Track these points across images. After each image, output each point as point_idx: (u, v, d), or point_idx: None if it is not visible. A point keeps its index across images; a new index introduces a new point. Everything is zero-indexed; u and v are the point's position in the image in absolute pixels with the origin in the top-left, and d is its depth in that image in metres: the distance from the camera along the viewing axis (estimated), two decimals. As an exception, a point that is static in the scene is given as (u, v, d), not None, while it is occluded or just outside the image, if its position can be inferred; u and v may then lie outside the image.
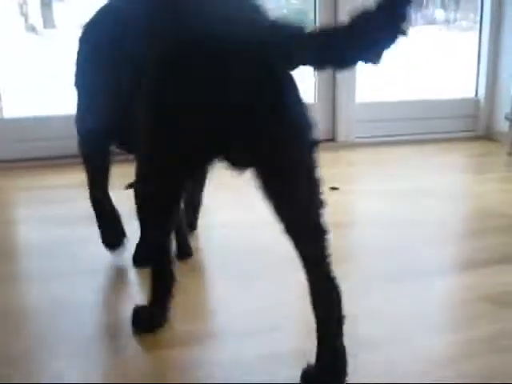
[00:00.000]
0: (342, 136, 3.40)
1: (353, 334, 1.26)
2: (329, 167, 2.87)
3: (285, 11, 4.07)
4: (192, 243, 1.92)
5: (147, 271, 1.50)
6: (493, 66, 3.61)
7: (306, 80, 3.41)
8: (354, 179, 2.89)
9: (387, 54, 0.98)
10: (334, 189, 2.55)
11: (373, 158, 3.20)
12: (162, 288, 1.48)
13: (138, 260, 1.84)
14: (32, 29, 4.09)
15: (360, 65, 1.03)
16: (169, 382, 1.28)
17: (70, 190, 2.54)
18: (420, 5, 4.68)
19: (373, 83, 3.61)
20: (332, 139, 3.41)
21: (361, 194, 2.61)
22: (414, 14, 4.33)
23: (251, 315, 1.56)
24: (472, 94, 3.75)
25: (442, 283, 1.76)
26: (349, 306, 1.23)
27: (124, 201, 1.69)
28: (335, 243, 1.23)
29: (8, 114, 3.03)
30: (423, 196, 2.54)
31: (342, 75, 3.25)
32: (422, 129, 3.59)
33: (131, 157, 1.44)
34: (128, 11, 1.41)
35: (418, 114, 3.60)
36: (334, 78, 3.35)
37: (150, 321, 1.48)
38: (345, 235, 2.12)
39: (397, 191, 2.60)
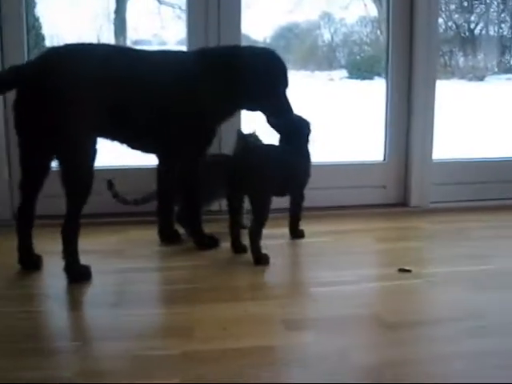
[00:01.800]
0: (414, 200, 3.14)
1: None
2: (398, 240, 2.75)
3: (358, 58, 3.93)
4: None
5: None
6: None
7: (375, 136, 3.22)
8: (429, 257, 2.58)
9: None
10: (404, 271, 2.27)
11: (452, 229, 2.88)
12: None
13: None
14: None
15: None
16: None
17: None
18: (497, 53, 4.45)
19: (452, 140, 3.44)
20: (403, 204, 3.17)
21: (439, 279, 2.26)
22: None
23: None
24: None
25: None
26: None
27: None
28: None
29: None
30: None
31: (417, 130, 3.06)
32: (510, 193, 3.26)
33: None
34: None
35: (505, 176, 3.29)
36: (408, 133, 3.12)
37: None
38: (419, 339, 1.81)
39: (484, 274, 2.29)
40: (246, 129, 2.74)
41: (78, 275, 2.17)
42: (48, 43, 3.10)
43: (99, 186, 2.64)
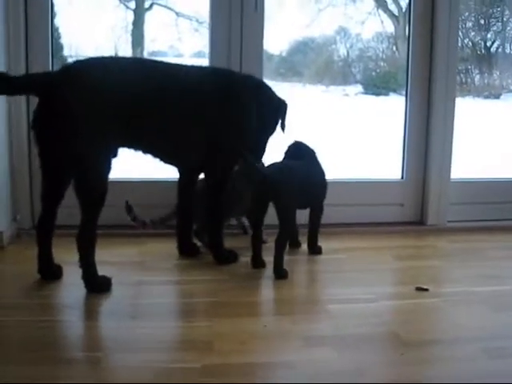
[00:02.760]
0: (432, 219, 3.15)
1: None
2: (415, 258, 2.77)
3: (373, 74, 3.94)
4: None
5: None
6: None
7: (391, 153, 3.24)
8: (446, 276, 2.60)
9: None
10: (422, 290, 2.29)
11: (468, 248, 2.90)
12: None
13: None
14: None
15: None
16: None
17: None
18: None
19: (467, 158, 3.42)
20: (420, 222, 3.19)
21: (456, 299, 2.28)
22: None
23: None
24: None
25: None
26: None
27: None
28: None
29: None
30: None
31: (436, 149, 3.08)
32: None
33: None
34: None
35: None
36: (427, 152, 3.14)
37: None
38: (436, 358, 1.81)
39: (500, 294, 2.31)
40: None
41: (96, 285, 2.20)
42: (66, 53, 3.15)
43: (121, 198, 2.73)
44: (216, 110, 2.44)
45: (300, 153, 2.70)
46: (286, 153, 2.73)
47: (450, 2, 2.99)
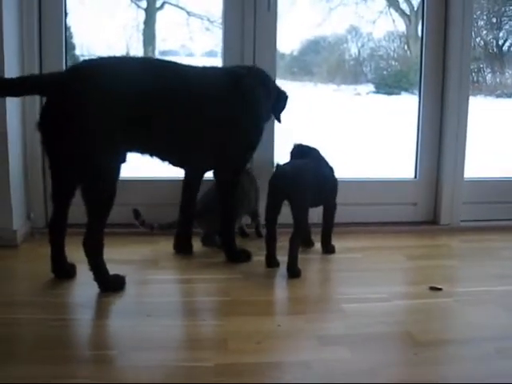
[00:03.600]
0: (445, 218, 3.14)
1: None
2: (428, 258, 2.77)
3: (385, 73, 3.94)
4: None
5: None
6: None
7: (404, 152, 3.24)
8: (459, 276, 2.59)
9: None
10: (435, 289, 2.28)
11: (481, 248, 2.89)
12: None
13: None
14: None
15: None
16: None
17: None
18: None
19: (479, 157, 3.40)
20: (433, 222, 3.18)
21: (470, 298, 2.27)
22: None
23: None
24: None
25: None
26: None
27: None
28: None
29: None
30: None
31: (449, 148, 3.08)
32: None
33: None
34: None
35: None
36: (440, 151, 3.14)
37: None
38: (450, 358, 1.82)
39: None
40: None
41: (109, 285, 2.20)
42: (78, 52, 3.16)
43: (134, 197, 2.74)
44: (226, 110, 2.43)
45: (304, 153, 2.71)
46: (291, 157, 2.75)
47: (463, 0, 2.98)
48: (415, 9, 3.45)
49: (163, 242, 2.71)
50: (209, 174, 2.62)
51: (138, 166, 2.56)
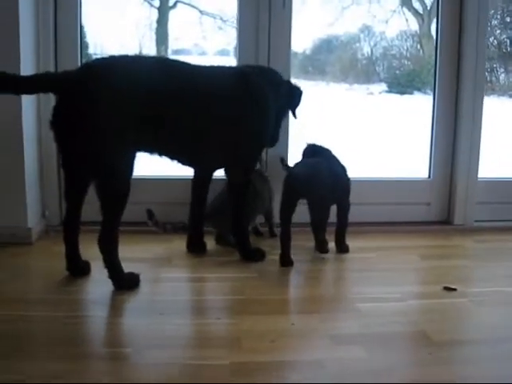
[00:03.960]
0: (458, 219, 3.14)
1: None
2: (442, 258, 2.76)
3: (397, 72, 3.93)
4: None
5: None
6: None
7: (417, 152, 3.23)
8: (473, 276, 2.58)
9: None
10: (450, 289, 2.28)
11: (495, 248, 2.89)
12: None
13: None
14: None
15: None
16: None
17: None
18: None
19: (492, 157, 3.37)
20: (447, 222, 3.17)
21: (484, 299, 2.26)
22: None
23: None
24: None
25: None
26: None
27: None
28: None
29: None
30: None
31: (463, 148, 3.07)
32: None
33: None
34: None
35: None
36: (454, 151, 3.13)
37: None
38: (466, 358, 1.82)
39: None
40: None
41: (124, 283, 2.21)
42: (91, 51, 3.17)
43: (147, 196, 2.74)
44: (235, 109, 2.44)
45: (317, 153, 2.72)
46: (303, 156, 2.76)
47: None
48: (428, 8, 3.44)
49: (177, 240, 2.72)
50: (219, 174, 2.63)
51: (152, 165, 2.56)
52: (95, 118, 2.06)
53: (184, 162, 2.48)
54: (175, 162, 2.45)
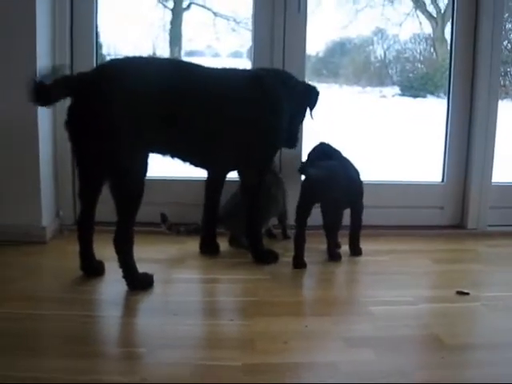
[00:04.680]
0: (472, 223, 3.13)
1: None
2: (455, 262, 2.76)
3: (410, 75, 3.93)
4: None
5: None
6: None
7: (430, 156, 3.23)
8: (486, 281, 2.57)
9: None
10: (462, 293, 2.28)
11: (508, 253, 2.88)
12: None
13: None
14: None
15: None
16: None
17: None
18: None
19: (510, 162, 3.38)
20: (460, 226, 3.17)
21: (497, 303, 2.26)
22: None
23: None
24: None
25: None
26: None
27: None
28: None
29: None
30: None
31: (477, 152, 3.06)
32: None
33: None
34: None
35: None
36: (468, 155, 3.12)
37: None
38: (479, 362, 1.81)
39: None
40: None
41: (138, 283, 2.22)
42: (105, 52, 3.19)
43: (161, 197, 2.75)
44: (248, 111, 2.44)
45: (327, 153, 2.73)
46: (311, 154, 2.76)
47: (493, 2, 2.96)
48: (442, 11, 3.44)
49: (190, 241, 2.73)
50: (232, 175, 2.64)
51: (166, 166, 2.58)
52: (109, 119, 2.07)
53: (197, 163, 2.49)
54: (188, 163, 2.45)
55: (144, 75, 2.19)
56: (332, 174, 2.54)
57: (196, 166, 2.50)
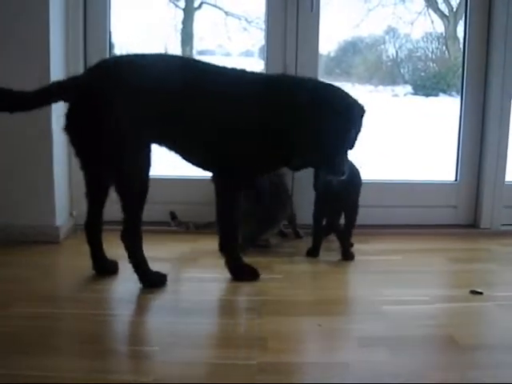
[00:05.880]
0: (485, 222, 3.12)
1: None
2: (468, 261, 2.75)
3: (422, 74, 3.91)
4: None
5: None
6: None
7: (443, 155, 3.22)
8: (500, 280, 2.55)
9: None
10: (476, 293, 2.27)
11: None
12: None
13: None
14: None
15: None
16: None
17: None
18: None
19: None
20: (473, 225, 3.16)
21: (511, 303, 2.25)
22: None
23: None
24: None
25: None
26: None
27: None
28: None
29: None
30: None
31: (490, 151, 3.06)
32: None
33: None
34: None
35: None
36: (481, 154, 3.12)
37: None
38: (494, 363, 1.79)
39: None
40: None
41: (150, 280, 2.23)
42: (117, 51, 3.20)
43: (172, 195, 2.75)
44: (254, 118, 2.26)
45: None
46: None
47: (508, 0, 2.95)
48: (454, 10, 3.42)
49: (202, 240, 2.74)
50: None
51: (176, 165, 2.58)
52: (112, 115, 2.05)
53: (197, 164, 2.41)
54: (189, 163, 2.41)
55: (146, 72, 2.15)
56: (352, 176, 2.51)
57: (197, 166, 2.42)
